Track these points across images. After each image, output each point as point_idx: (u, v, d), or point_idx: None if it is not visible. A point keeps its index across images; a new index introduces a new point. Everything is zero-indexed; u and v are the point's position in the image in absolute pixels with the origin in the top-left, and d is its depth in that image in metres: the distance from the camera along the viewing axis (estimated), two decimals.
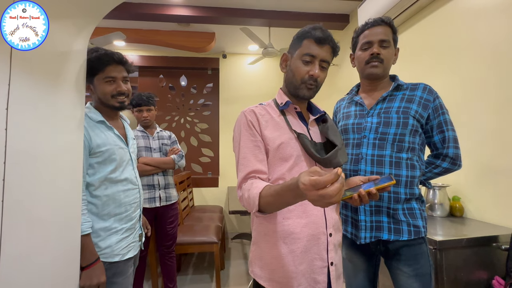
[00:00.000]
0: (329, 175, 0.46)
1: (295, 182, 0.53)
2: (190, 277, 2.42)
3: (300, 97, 0.82)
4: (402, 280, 0.93)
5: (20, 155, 0.65)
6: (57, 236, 0.77)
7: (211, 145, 3.71)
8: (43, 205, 0.73)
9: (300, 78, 0.79)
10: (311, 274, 0.73)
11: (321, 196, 0.46)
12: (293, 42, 0.83)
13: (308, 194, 0.48)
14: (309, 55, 0.78)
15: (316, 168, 0.51)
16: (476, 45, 1.47)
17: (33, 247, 0.70)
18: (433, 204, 1.52)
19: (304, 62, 0.78)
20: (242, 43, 3.37)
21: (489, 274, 1.15)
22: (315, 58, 0.78)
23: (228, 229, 3.54)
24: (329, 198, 0.46)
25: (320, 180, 0.46)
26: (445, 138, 0.96)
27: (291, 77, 0.82)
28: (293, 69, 0.81)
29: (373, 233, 0.94)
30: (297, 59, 0.80)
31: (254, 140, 0.77)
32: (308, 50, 0.78)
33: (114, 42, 3.14)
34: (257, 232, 0.79)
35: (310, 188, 0.47)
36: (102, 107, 1.04)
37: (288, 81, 0.84)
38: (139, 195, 1.09)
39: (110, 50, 1.03)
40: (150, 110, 1.90)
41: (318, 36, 0.77)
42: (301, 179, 0.50)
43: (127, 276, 1.01)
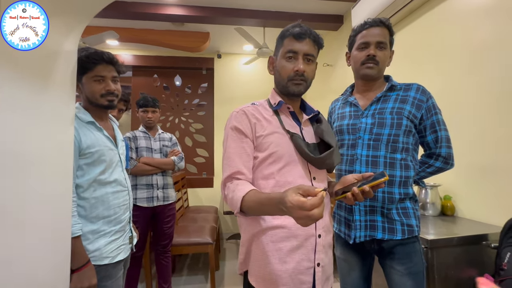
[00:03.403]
0: (315, 199, 0.51)
1: (280, 197, 0.56)
2: (184, 278, 2.41)
3: (291, 95, 0.82)
4: (396, 279, 0.94)
5: (6, 156, 0.64)
6: (47, 239, 0.76)
7: (206, 145, 3.70)
8: (32, 207, 0.71)
9: (287, 76, 0.80)
10: (297, 275, 0.73)
11: (306, 216, 0.51)
12: (276, 44, 0.85)
13: (293, 212, 0.52)
14: (291, 52, 0.79)
15: (302, 186, 0.54)
16: (469, 45, 1.49)
17: (21, 250, 0.68)
18: (425, 203, 1.54)
19: (288, 59, 0.79)
20: (236, 43, 3.36)
21: (479, 272, 1.17)
22: (298, 54, 0.78)
23: (223, 229, 3.53)
24: (313, 218, 0.51)
25: (307, 203, 0.50)
26: (438, 138, 0.97)
27: (278, 76, 0.83)
28: (279, 69, 0.82)
29: (368, 232, 0.95)
30: (281, 59, 0.81)
31: (240, 141, 0.77)
32: (289, 47, 0.79)
33: (107, 41, 3.10)
34: (246, 232, 0.79)
35: (297, 208, 0.51)
36: (91, 107, 1.03)
37: (277, 82, 0.85)
38: (128, 197, 1.08)
39: (100, 49, 1.01)
40: (155, 112, 1.95)
41: (297, 32, 0.78)
42: (289, 197, 0.53)
43: (116, 279, 1.00)
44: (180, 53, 3.48)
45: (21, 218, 0.69)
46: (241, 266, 0.81)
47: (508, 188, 1.29)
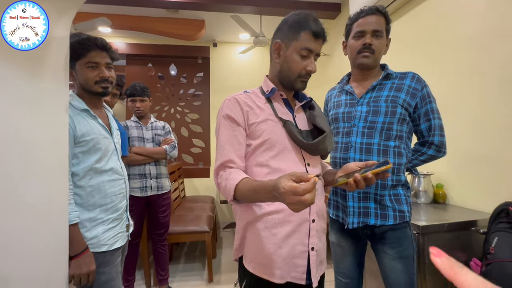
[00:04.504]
0: (307, 184, 0.52)
1: (273, 183, 0.58)
2: (182, 266, 2.45)
3: (294, 89, 0.83)
4: (387, 262, 0.97)
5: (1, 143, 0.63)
6: (44, 226, 0.76)
7: (202, 135, 3.69)
8: (28, 194, 0.71)
9: (297, 73, 0.78)
10: (292, 259, 0.75)
11: (299, 201, 0.52)
12: (288, 31, 0.78)
13: (286, 197, 0.54)
14: (307, 49, 0.76)
15: (295, 173, 0.56)
16: (463, 36, 1.49)
17: (18, 237, 0.69)
18: (418, 191, 1.58)
19: (302, 57, 0.77)
20: (233, 31, 3.30)
21: (467, 256, 1.22)
22: (312, 53, 0.77)
23: (220, 219, 3.57)
24: (305, 204, 0.52)
25: (300, 188, 0.52)
26: (431, 126, 0.98)
27: (287, 70, 0.79)
28: (289, 61, 0.78)
29: (361, 218, 0.97)
30: (294, 52, 0.77)
31: (232, 130, 0.77)
32: (306, 45, 0.76)
33: (99, 28, 3.02)
34: (241, 219, 0.80)
35: (289, 193, 0.53)
36: (85, 94, 1.01)
37: (283, 73, 0.81)
38: (125, 186, 1.08)
39: (93, 35, 0.99)
40: (143, 101, 1.90)
41: (316, 30, 0.76)
42: (282, 183, 0.54)
43: (114, 266, 1.02)
44: (175, 41, 3.41)
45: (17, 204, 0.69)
46: (236, 252, 0.83)
47: (497, 177, 1.32)
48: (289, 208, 0.55)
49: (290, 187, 0.53)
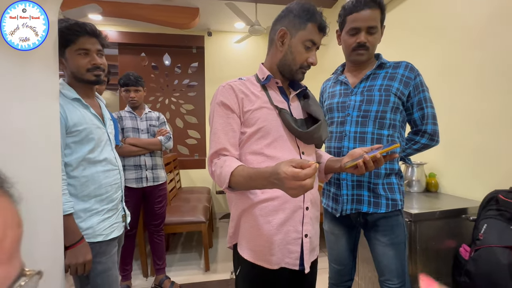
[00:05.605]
0: (309, 169, 0.53)
1: (272, 170, 0.58)
2: (179, 256, 2.48)
3: (294, 80, 0.84)
4: (379, 249, 0.99)
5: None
6: (39, 216, 0.76)
7: (197, 126, 3.66)
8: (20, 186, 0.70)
9: (300, 64, 0.79)
10: (286, 245, 0.76)
11: (299, 185, 0.53)
12: (294, 20, 0.77)
13: (287, 182, 0.54)
14: (312, 42, 0.78)
15: (294, 159, 0.56)
16: (459, 25, 1.49)
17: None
18: (411, 180, 1.60)
19: (306, 48, 0.78)
20: (227, 20, 3.24)
21: (457, 242, 1.25)
22: (315, 46, 0.79)
23: (216, 209, 3.60)
24: (305, 188, 0.53)
25: (302, 172, 0.53)
26: (424, 115, 0.99)
27: (290, 60, 0.79)
28: (293, 52, 0.78)
29: (354, 205, 0.99)
30: (299, 43, 0.77)
31: (226, 117, 0.76)
32: (312, 37, 0.77)
33: (89, 16, 2.92)
34: (236, 207, 0.81)
35: (290, 178, 0.53)
36: (76, 83, 0.98)
37: (285, 62, 0.80)
38: (119, 176, 1.07)
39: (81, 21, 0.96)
40: (137, 91, 1.87)
41: (323, 25, 0.77)
42: (282, 168, 0.55)
43: (111, 256, 1.02)
44: (169, 30, 3.33)
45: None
46: (231, 239, 0.84)
47: (487, 166, 1.35)
48: (288, 194, 0.56)
49: (292, 172, 0.53)
